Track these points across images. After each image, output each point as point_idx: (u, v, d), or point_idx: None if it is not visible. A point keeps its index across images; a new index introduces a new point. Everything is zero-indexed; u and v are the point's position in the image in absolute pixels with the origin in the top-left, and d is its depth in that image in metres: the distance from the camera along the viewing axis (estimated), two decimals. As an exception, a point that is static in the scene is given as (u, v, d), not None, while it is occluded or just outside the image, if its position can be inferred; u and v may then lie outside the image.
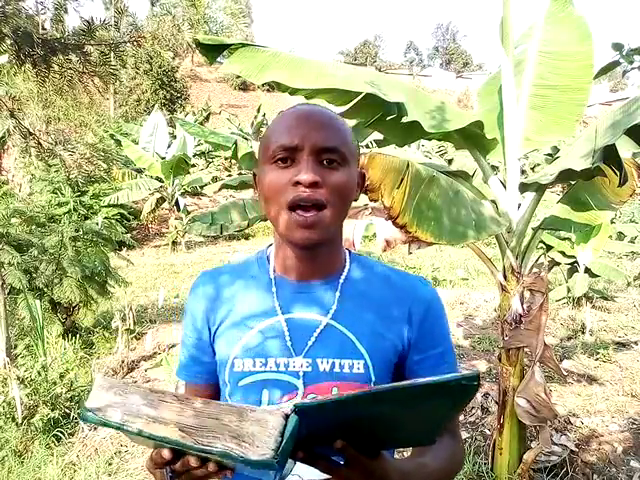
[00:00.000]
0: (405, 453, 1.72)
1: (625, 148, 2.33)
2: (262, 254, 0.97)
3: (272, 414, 0.57)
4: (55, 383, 3.51)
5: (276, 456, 0.55)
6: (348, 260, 0.94)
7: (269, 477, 0.63)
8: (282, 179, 0.81)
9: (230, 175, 16.39)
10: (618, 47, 2.14)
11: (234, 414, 0.57)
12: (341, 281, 0.90)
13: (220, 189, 10.54)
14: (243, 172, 12.61)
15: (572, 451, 3.15)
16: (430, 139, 2.85)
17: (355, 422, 0.63)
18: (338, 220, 0.85)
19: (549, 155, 13.55)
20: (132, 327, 4.67)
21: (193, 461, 0.63)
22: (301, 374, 0.86)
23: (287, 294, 0.90)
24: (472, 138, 2.58)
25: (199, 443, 0.56)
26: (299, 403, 0.58)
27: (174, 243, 11.94)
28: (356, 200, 0.89)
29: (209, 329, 0.93)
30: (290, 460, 0.67)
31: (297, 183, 0.79)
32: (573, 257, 5.89)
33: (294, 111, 0.86)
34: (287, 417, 0.57)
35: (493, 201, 2.72)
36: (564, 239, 5.96)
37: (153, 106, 18.27)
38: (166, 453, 0.64)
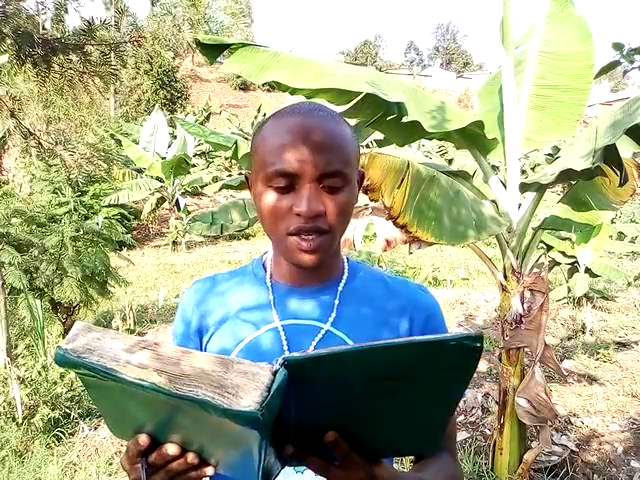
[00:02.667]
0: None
1: (625, 148, 2.33)
2: (258, 261, 0.94)
3: (260, 368, 0.53)
4: (55, 383, 3.51)
5: (261, 409, 0.50)
6: (347, 266, 0.91)
7: (252, 477, 0.59)
8: (281, 206, 0.76)
9: (230, 175, 16.39)
10: (618, 47, 2.14)
11: (219, 364, 0.53)
12: (340, 288, 0.87)
13: (220, 189, 10.56)
14: (243, 172, 12.60)
15: (572, 451, 3.15)
16: (430, 139, 2.85)
17: (350, 407, 0.59)
18: (339, 238, 0.83)
19: (549, 155, 13.55)
20: (132, 327, 4.67)
21: (171, 449, 0.60)
22: None
23: (284, 301, 0.87)
24: (472, 138, 2.58)
25: (178, 390, 0.52)
26: (288, 356, 0.54)
27: (174, 243, 11.95)
28: (355, 202, 0.86)
29: (201, 339, 0.90)
30: (277, 461, 0.63)
31: (298, 214, 0.75)
32: (573, 257, 5.89)
33: (291, 123, 0.77)
34: (276, 374, 0.53)
35: (493, 201, 2.72)
36: (564, 239, 5.96)
37: (153, 106, 18.27)
38: (143, 438, 0.61)
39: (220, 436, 0.58)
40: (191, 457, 0.61)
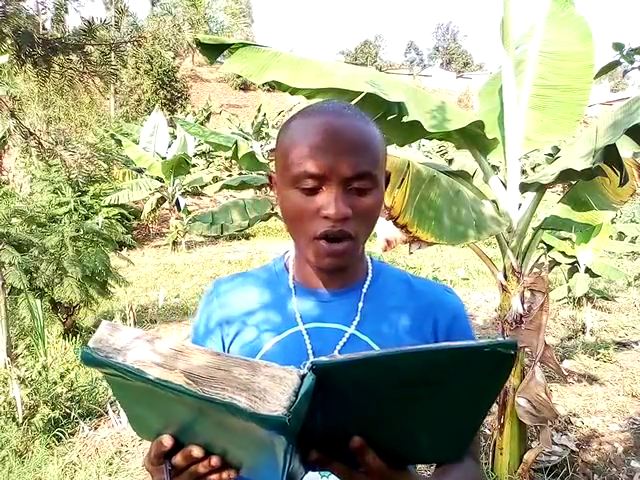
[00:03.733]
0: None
1: (626, 148, 2.33)
2: (279, 261, 0.92)
3: (288, 372, 0.52)
4: (56, 383, 3.51)
5: (288, 414, 0.49)
6: (371, 267, 0.89)
7: (276, 478, 0.57)
8: (308, 208, 0.74)
9: (230, 175, 16.38)
10: (618, 47, 2.14)
11: (246, 367, 0.52)
12: (364, 290, 0.85)
13: (220, 189, 10.55)
14: (243, 172, 12.61)
15: (572, 451, 3.15)
16: (431, 139, 2.85)
17: (377, 412, 0.57)
18: (365, 242, 0.81)
19: (550, 155, 13.54)
20: (132, 327, 4.67)
21: (195, 451, 0.59)
22: None
23: (308, 303, 0.85)
24: (473, 138, 2.58)
25: (205, 392, 0.51)
26: (316, 360, 0.53)
27: (174, 243, 11.95)
28: (382, 204, 0.83)
29: (223, 341, 0.88)
30: (301, 466, 0.62)
31: (325, 216, 0.73)
32: (574, 257, 5.89)
33: (320, 122, 0.74)
34: (303, 378, 0.52)
35: (494, 201, 2.72)
36: (565, 239, 5.96)
37: (154, 106, 18.26)
38: (166, 439, 0.60)
39: (244, 439, 0.57)
40: (215, 460, 0.59)
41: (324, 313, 0.83)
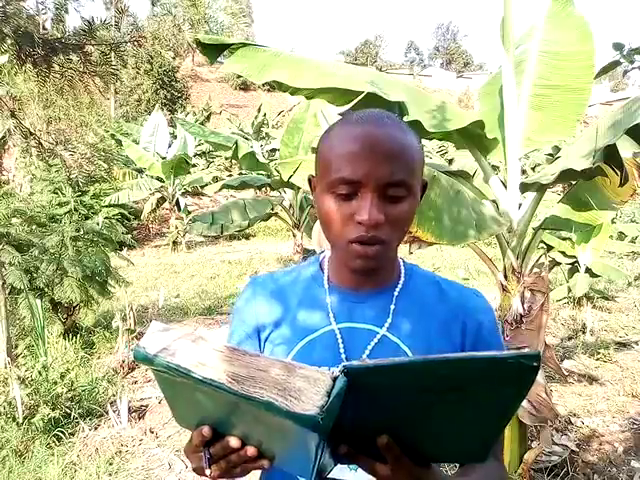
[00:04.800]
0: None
1: (626, 148, 2.33)
2: (315, 262, 0.95)
3: (321, 373, 0.56)
4: (56, 383, 3.51)
5: (321, 413, 0.53)
6: (403, 271, 0.91)
7: (307, 472, 0.62)
8: (343, 213, 0.77)
9: (231, 175, 16.39)
10: (619, 47, 2.14)
11: (283, 369, 0.57)
12: (396, 293, 0.88)
13: (221, 189, 10.57)
14: (244, 172, 12.61)
15: (573, 451, 3.15)
16: (431, 139, 2.85)
17: (404, 413, 0.61)
18: (397, 246, 0.84)
19: (550, 155, 13.54)
20: (133, 327, 4.67)
21: (233, 442, 0.63)
22: None
23: (341, 304, 0.88)
24: (473, 138, 2.58)
25: (245, 391, 0.56)
26: (349, 365, 0.57)
27: (175, 243, 11.96)
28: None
29: (259, 338, 0.91)
30: (330, 459, 0.65)
31: (359, 222, 0.76)
32: (574, 257, 5.89)
33: (359, 131, 0.77)
34: (335, 380, 0.56)
35: (494, 201, 2.72)
36: (565, 239, 5.95)
37: (154, 106, 18.26)
38: (206, 430, 0.65)
39: (279, 434, 0.61)
40: (251, 450, 0.63)
41: (357, 313, 0.86)
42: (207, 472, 0.67)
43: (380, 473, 0.65)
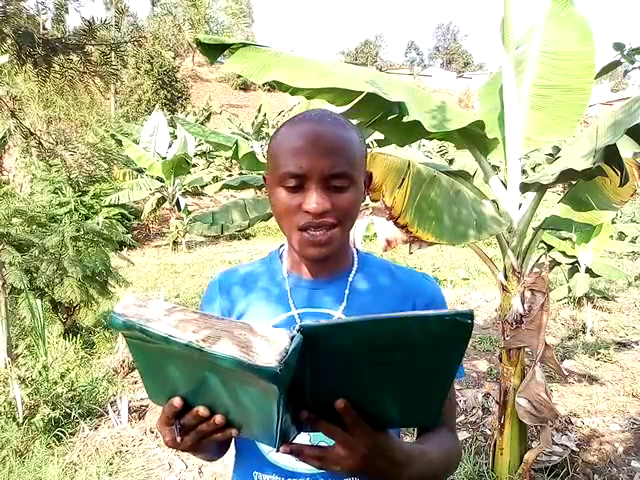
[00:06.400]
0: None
1: (626, 148, 2.33)
2: (275, 254, 1.02)
3: (279, 332, 0.62)
4: (56, 383, 3.51)
5: (280, 365, 0.58)
6: (356, 258, 0.99)
7: (272, 438, 0.66)
8: (292, 203, 0.84)
9: (231, 175, 16.40)
10: (619, 47, 2.14)
11: (245, 329, 0.63)
12: (350, 279, 0.95)
13: (221, 189, 10.56)
14: (244, 172, 12.61)
15: (573, 451, 3.15)
16: (431, 139, 2.85)
17: (359, 376, 0.66)
18: (347, 233, 0.90)
19: (550, 155, 13.54)
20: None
21: (202, 410, 0.67)
22: None
23: (300, 291, 0.95)
24: (473, 138, 2.58)
25: (212, 349, 0.60)
26: (303, 324, 0.62)
27: (175, 243, 11.97)
28: (363, 201, 0.92)
29: None
30: (292, 426, 0.70)
31: (306, 211, 0.82)
32: (574, 257, 5.89)
33: (302, 129, 0.85)
34: (293, 338, 0.61)
35: (494, 201, 2.72)
36: (565, 239, 5.96)
37: (154, 106, 18.29)
38: (177, 400, 0.68)
39: (244, 396, 0.65)
40: (218, 418, 0.67)
41: (314, 299, 0.94)
42: (178, 440, 0.71)
43: (339, 437, 0.69)
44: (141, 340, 0.65)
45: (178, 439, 0.71)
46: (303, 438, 0.83)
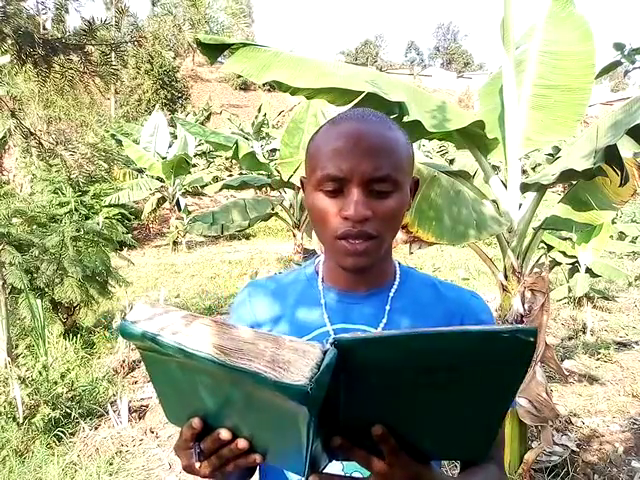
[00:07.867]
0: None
1: (626, 148, 2.33)
2: (310, 265, 0.95)
3: (311, 346, 0.55)
4: (56, 383, 3.52)
5: (310, 383, 0.51)
6: (398, 272, 0.90)
7: (300, 466, 0.59)
8: (330, 209, 0.77)
9: (231, 175, 16.39)
10: (619, 47, 2.14)
11: (272, 342, 0.56)
12: (391, 294, 0.87)
13: (221, 189, 10.56)
14: (244, 172, 12.61)
15: (573, 451, 3.15)
16: (431, 139, 2.84)
17: (399, 400, 0.58)
18: (388, 244, 0.83)
19: (550, 155, 13.55)
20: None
21: (224, 433, 0.61)
22: None
23: (336, 305, 0.87)
24: (473, 138, 2.58)
25: (233, 363, 0.54)
26: (339, 337, 0.55)
27: (175, 243, 11.96)
28: (408, 209, 0.84)
29: None
30: (324, 453, 0.63)
31: (345, 217, 0.76)
32: (574, 257, 5.88)
33: (343, 128, 0.78)
34: (326, 353, 0.54)
35: (494, 201, 2.71)
36: (565, 239, 5.95)
37: (154, 106, 18.30)
38: (196, 421, 0.63)
39: (270, 419, 0.58)
40: (242, 443, 0.61)
41: (352, 314, 0.85)
42: (197, 465, 0.64)
43: (376, 468, 0.62)
44: (155, 352, 0.59)
45: (197, 464, 0.64)
46: (335, 467, 0.75)
